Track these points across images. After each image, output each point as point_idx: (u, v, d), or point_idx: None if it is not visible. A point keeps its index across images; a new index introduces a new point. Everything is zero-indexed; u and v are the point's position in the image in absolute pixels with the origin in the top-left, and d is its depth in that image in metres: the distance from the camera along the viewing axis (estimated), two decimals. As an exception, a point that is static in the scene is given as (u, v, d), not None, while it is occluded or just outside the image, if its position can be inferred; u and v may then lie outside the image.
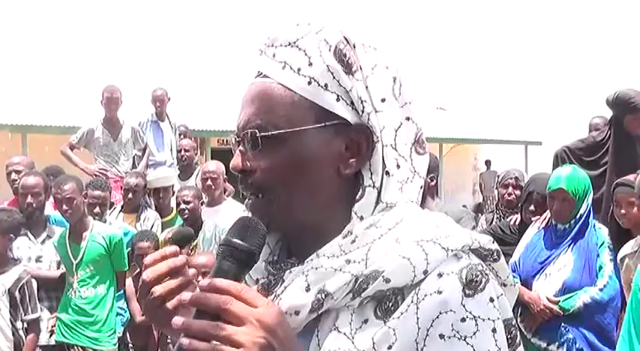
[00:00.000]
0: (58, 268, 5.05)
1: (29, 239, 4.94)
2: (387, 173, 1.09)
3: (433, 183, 4.51)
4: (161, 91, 8.17)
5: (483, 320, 1.01)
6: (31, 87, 12.74)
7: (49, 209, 5.45)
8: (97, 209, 5.56)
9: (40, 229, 5.08)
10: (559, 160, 5.10)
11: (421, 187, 1.15)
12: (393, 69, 1.12)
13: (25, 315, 4.48)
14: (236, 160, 1.11)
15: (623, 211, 3.94)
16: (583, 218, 3.99)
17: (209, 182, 5.82)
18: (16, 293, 4.44)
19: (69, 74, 13.50)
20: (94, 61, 14.12)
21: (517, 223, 4.64)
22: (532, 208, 4.42)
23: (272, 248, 1.14)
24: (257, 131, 1.07)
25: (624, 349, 3.16)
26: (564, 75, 21.77)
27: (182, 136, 8.14)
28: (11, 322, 4.45)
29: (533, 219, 4.32)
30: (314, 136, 1.07)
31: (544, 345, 3.93)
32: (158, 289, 1.07)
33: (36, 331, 4.61)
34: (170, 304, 1.07)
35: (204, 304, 0.93)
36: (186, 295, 0.95)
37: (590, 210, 4.03)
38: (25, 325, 4.53)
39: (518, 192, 5.11)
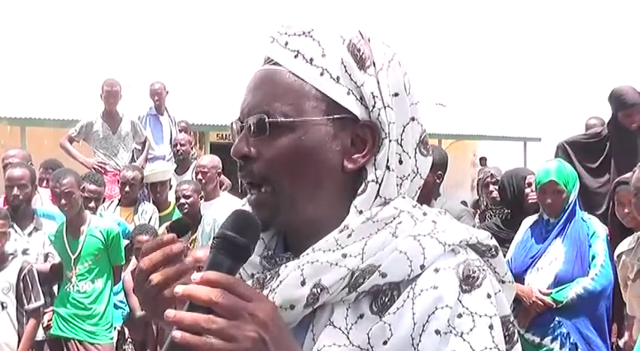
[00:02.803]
0: (45, 261, 4.96)
1: (15, 231, 4.82)
2: (388, 168, 1.08)
3: (439, 181, 4.38)
4: (159, 85, 8.16)
5: (480, 316, 1.00)
6: (30, 80, 12.69)
7: (47, 202, 5.44)
8: (92, 204, 5.55)
9: (27, 222, 4.98)
10: (559, 152, 5.15)
11: (419, 188, 1.14)
12: (405, 67, 1.12)
13: (27, 304, 4.40)
14: (239, 145, 1.08)
15: (626, 210, 3.88)
16: (569, 209, 3.99)
17: (199, 176, 5.82)
18: (20, 284, 4.38)
19: (68, 67, 13.46)
20: (94, 54, 14.08)
21: (507, 218, 4.62)
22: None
23: (267, 243, 1.12)
24: (266, 116, 1.05)
25: None
26: (563, 71, 21.76)
27: (183, 132, 8.13)
28: (17, 320, 4.38)
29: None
30: (321, 128, 1.06)
31: (537, 340, 3.90)
32: (155, 277, 1.03)
33: (37, 318, 4.52)
34: (168, 293, 1.03)
35: (196, 297, 0.91)
36: (178, 288, 0.92)
37: (576, 201, 4.02)
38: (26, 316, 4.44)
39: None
